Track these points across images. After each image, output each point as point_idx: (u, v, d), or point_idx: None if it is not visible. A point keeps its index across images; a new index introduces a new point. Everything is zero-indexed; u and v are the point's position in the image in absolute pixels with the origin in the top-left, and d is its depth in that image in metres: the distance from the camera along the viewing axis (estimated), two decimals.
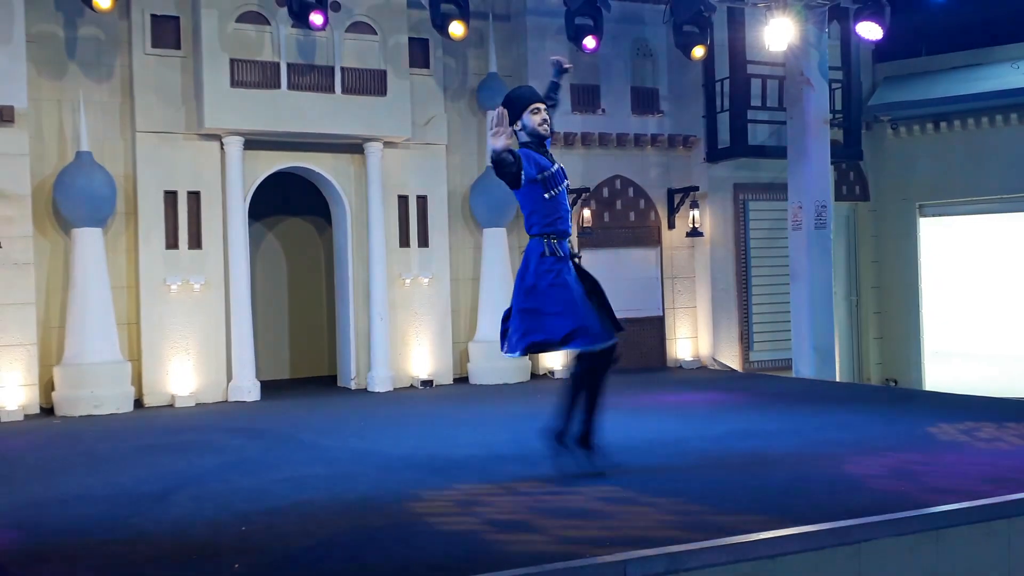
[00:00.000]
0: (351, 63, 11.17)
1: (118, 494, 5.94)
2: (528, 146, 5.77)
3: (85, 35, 10.51)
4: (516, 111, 5.74)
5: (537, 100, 5.82)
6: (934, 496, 5.07)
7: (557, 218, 5.75)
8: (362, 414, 9.46)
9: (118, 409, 9.93)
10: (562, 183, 5.79)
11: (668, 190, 13.22)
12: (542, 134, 5.80)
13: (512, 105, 5.74)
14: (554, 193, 5.72)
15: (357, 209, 11.51)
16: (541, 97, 5.89)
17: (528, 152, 5.69)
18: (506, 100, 5.83)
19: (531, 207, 5.75)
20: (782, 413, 8.63)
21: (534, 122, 5.77)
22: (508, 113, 5.56)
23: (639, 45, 13.11)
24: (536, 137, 5.80)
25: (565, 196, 5.83)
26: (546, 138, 5.85)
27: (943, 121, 14.72)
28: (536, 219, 5.74)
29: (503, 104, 5.72)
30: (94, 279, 10.13)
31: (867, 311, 15.13)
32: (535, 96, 5.87)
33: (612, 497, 5.38)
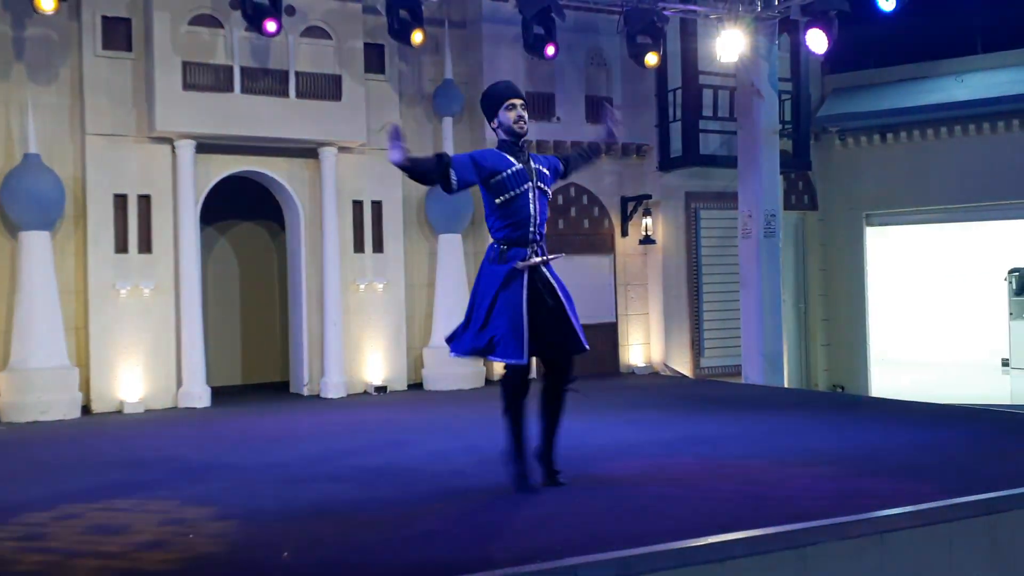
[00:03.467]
0: (305, 67, 11.13)
1: (63, 502, 5.84)
2: (503, 145, 5.54)
3: (34, 36, 10.35)
4: (492, 107, 5.56)
5: (513, 95, 5.56)
6: (879, 500, 5.17)
7: (510, 224, 5.45)
8: (314, 421, 9.40)
9: (65, 415, 9.78)
10: (521, 185, 5.43)
11: (621, 198, 13.34)
12: (517, 132, 5.51)
13: (488, 101, 5.58)
14: (507, 198, 5.41)
15: (311, 214, 11.46)
16: (518, 92, 5.61)
17: (482, 154, 5.51)
18: (483, 96, 5.66)
19: (487, 211, 5.55)
20: (731, 419, 8.75)
21: (509, 119, 5.50)
22: (484, 108, 5.55)
23: (593, 54, 13.22)
24: (512, 135, 5.52)
25: (527, 200, 5.44)
26: (521, 136, 5.55)
27: (889, 132, 15.04)
28: (491, 223, 5.53)
29: (481, 100, 5.63)
30: (41, 283, 9.97)
31: (815, 318, 15.37)
32: (510, 91, 5.59)
33: (563, 504, 5.41)
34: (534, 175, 5.52)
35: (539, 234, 5.51)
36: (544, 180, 5.59)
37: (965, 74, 14.71)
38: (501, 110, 5.54)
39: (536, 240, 5.49)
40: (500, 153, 5.52)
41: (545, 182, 5.59)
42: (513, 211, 5.44)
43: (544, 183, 5.58)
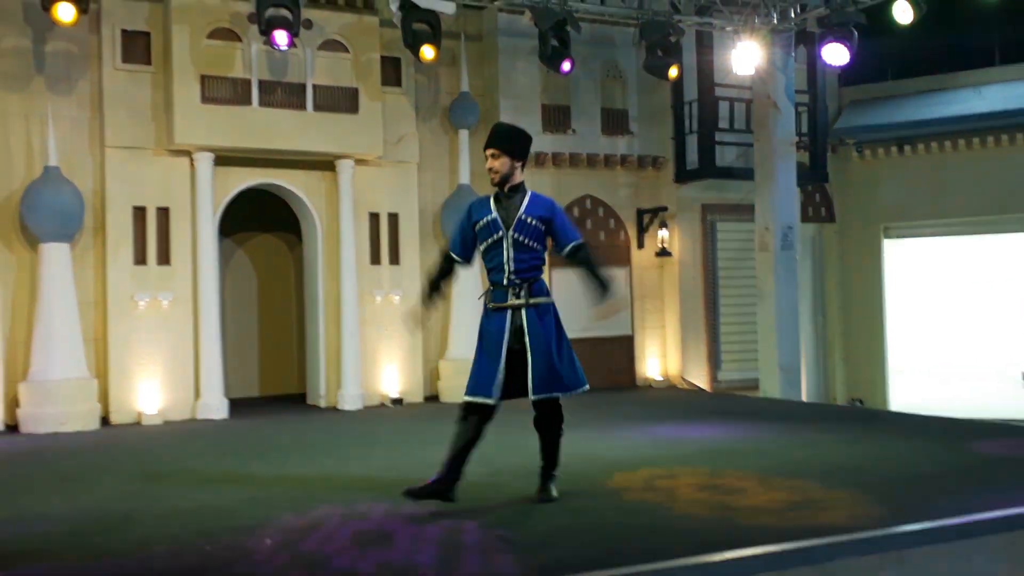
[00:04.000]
0: (323, 80, 11.19)
1: (81, 513, 5.87)
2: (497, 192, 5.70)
3: (54, 49, 10.46)
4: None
5: (488, 145, 5.68)
6: (898, 516, 5.13)
7: (489, 269, 5.64)
8: (331, 433, 9.41)
9: (84, 427, 9.83)
10: (495, 233, 5.56)
11: (637, 210, 13.33)
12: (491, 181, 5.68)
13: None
14: (484, 246, 5.62)
15: (328, 226, 11.50)
16: (489, 141, 5.69)
17: (467, 211, 5.75)
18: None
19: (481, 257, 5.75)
20: (749, 432, 8.70)
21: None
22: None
23: (609, 67, 13.24)
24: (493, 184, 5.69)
25: (501, 246, 5.56)
26: (496, 184, 5.65)
27: (907, 145, 14.98)
28: (485, 266, 5.71)
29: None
30: (61, 295, 10.04)
31: (833, 331, 15.30)
32: (488, 140, 5.71)
33: (579, 518, 5.40)
34: (512, 224, 5.57)
35: (518, 279, 5.55)
36: (523, 230, 5.57)
37: (983, 86, 14.64)
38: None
39: (514, 284, 5.55)
40: (484, 202, 5.73)
41: (525, 232, 5.57)
42: (489, 257, 5.63)
43: (522, 233, 5.56)
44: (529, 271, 5.59)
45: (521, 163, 5.69)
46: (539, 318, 5.57)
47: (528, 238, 5.56)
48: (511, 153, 5.63)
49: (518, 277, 5.56)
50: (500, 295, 5.57)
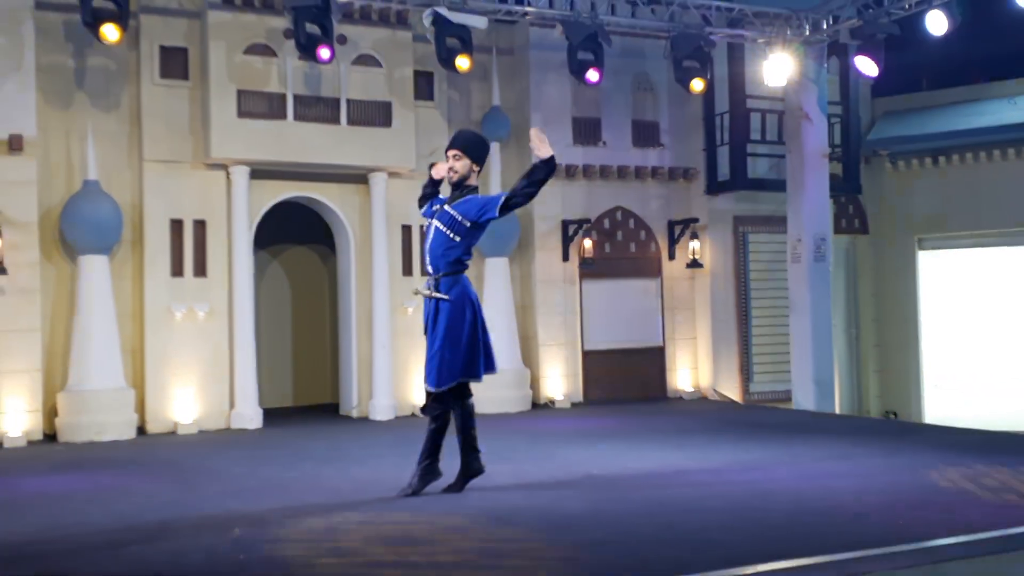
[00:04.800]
0: (357, 95, 11.31)
1: (118, 522, 5.96)
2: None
3: (94, 65, 10.66)
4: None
5: (452, 146, 6.25)
6: (931, 529, 5.10)
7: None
8: (363, 443, 9.48)
9: (120, 436, 9.97)
10: (426, 221, 6.29)
11: (668, 222, 13.32)
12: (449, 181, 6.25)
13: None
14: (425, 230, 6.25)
15: (361, 238, 11.61)
16: (456, 144, 6.25)
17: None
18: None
19: None
20: (782, 445, 8.66)
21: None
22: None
23: (640, 79, 13.26)
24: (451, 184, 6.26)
25: (427, 236, 6.24)
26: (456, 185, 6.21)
27: (941, 155, 14.85)
28: None
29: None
30: (99, 306, 10.21)
31: (867, 343, 15.16)
32: (452, 142, 6.32)
33: (611, 530, 5.41)
34: (438, 214, 6.17)
35: (433, 268, 6.14)
36: (444, 219, 6.12)
37: (1018, 96, 14.48)
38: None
39: (430, 273, 6.15)
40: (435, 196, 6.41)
41: (446, 222, 6.11)
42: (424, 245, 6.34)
43: (443, 222, 6.12)
44: (439, 259, 6.09)
45: (478, 169, 6.24)
46: (447, 310, 6.08)
47: (446, 227, 6.08)
48: (472, 157, 6.19)
49: (431, 265, 6.15)
50: (426, 284, 6.18)
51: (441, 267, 6.05)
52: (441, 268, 6.06)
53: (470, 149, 6.17)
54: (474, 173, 6.15)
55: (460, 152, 6.13)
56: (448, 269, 6.08)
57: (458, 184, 6.13)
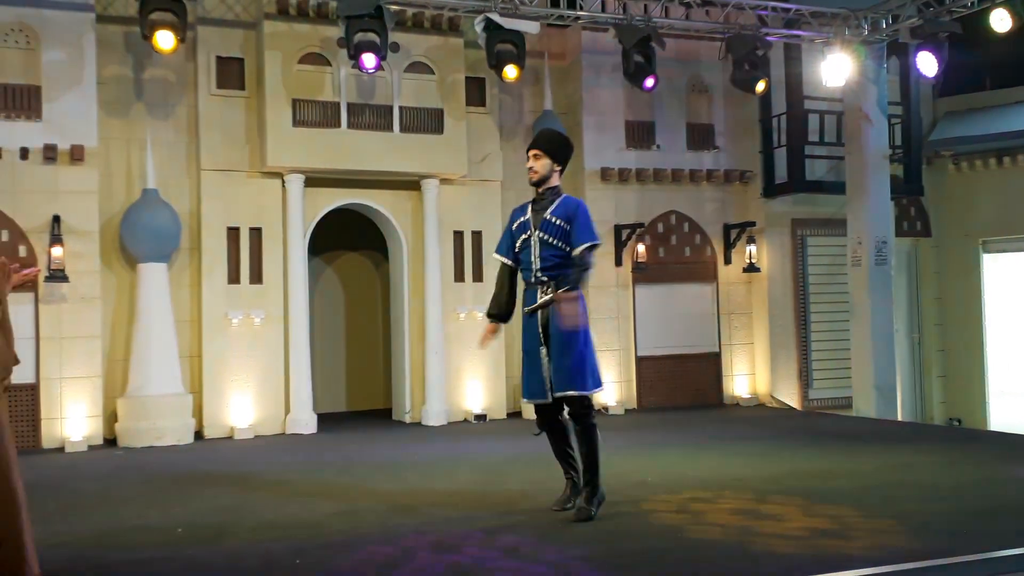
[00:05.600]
0: (409, 102, 11.36)
1: (176, 525, 6.03)
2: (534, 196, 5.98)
3: (153, 76, 10.86)
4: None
5: (532, 146, 5.97)
6: (997, 541, 4.94)
7: (522, 270, 5.95)
8: (416, 448, 9.50)
9: (179, 441, 10.12)
10: (524, 232, 5.87)
11: (724, 225, 13.15)
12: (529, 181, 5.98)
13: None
14: (518, 245, 5.91)
15: (413, 244, 11.65)
16: (536, 143, 5.98)
17: (512, 213, 6.08)
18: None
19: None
20: (841, 453, 8.48)
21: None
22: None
23: (694, 82, 13.12)
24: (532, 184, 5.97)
25: (529, 246, 5.83)
26: (533, 185, 5.93)
27: (1006, 156, 14.46)
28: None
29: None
30: (158, 313, 10.37)
31: (930, 349, 14.81)
32: (532, 141, 6.03)
33: (667, 539, 5.32)
34: (538, 225, 5.81)
35: (544, 276, 5.77)
36: (548, 229, 5.79)
37: None
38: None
39: (541, 282, 5.79)
40: (523, 206, 6.02)
41: (549, 231, 5.78)
42: (522, 257, 5.92)
43: (547, 232, 5.78)
44: (554, 269, 5.76)
45: (560, 168, 5.93)
46: (555, 316, 5.71)
47: (553, 237, 5.76)
48: (552, 155, 5.89)
49: (544, 274, 5.77)
50: (531, 295, 5.84)
51: (554, 273, 5.75)
52: (554, 273, 5.75)
53: (551, 148, 5.91)
54: (556, 173, 5.88)
55: (540, 152, 5.88)
56: (565, 272, 5.75)
57: (539, 184, 5.89)
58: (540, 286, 5.78)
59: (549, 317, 5.74)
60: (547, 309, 5.74)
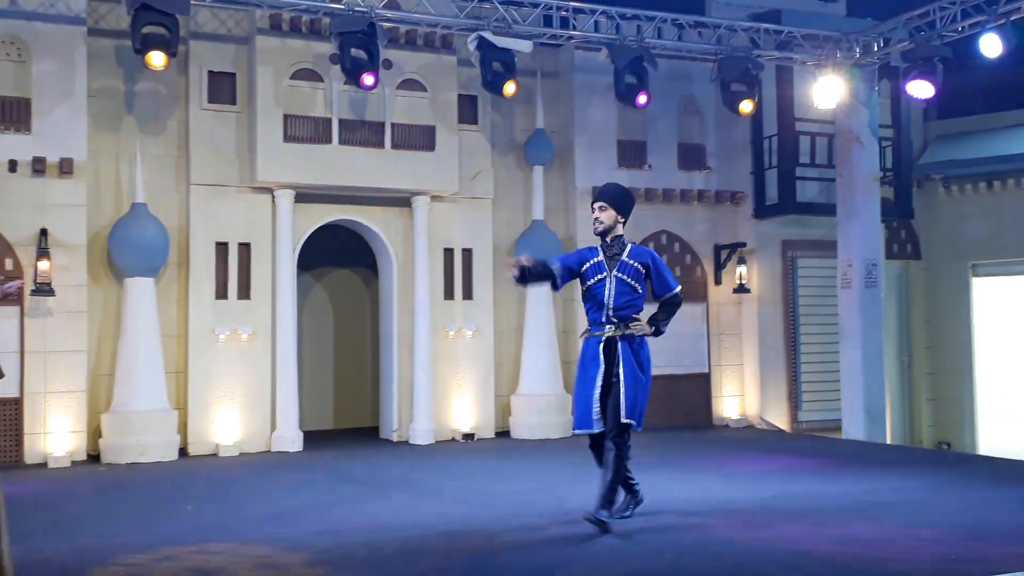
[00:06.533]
0: (401, 119, 11.35)
1: (158, 543, 5.96)
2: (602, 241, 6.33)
3: (144, 90, 10.82)
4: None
5: (597, 199, 6.33)
6: (986, 567, 4.90)
7: (589, 307, 6.26)
8: (402, 467, 9.42)
9: (163, 457, 10.02)
10: (599, 273, 6.19)
11: (715, 246, 13.15)
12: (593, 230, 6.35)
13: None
14: (590, 284, 6.24)
15: (403, 261, 11.61)
16: (601, 196, 6.33)
17: (581, 250, 6.44)
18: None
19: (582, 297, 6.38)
20: (830, 476, 8.44)
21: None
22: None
23: (686, 102, 13.15)
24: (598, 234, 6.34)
25: (604, 284, 6.17)
26: (598, 234, 6.29)
27: (996, 180, 14.51)
28: (584, 304, 6.35)
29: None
30: (145, 328, 10.30)
31: (919, 372, 14.81)
32: (597, 195, 6.38)
33: (651, 561, 5.27)
34: (616, 267, 6.19)
35: (616, 317, 6.14)
36: (626, 271, 6.18)
37: None
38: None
39: (613, 322, 6.14)
40: (593, 248, 6.35)
41: (627, 272, 6.18)
42: (592, 296, 6.24)
43: (625, 273, 6.18)
44: (626, 308, 6.16)
45: (624, 220, 6.31)
46: (632, 352, 6.13)
47: (630, 277, 6.17)
48: (617, 208, 6.28)
49: (616, 315, 6.14)
50: (597, 328, 6.17)
51: (627, 312, 6.16)
52: (627, 313, 6.16)
53: (616, 201, 6.30)
54: (620, 224, 6.27)
55: (607, 204, 6.27)
56: (636, 311, 6.21)
57: (604, 233, 6.27)
58: (610, 325, 6.13)
59: (620, 352, 6.08)
60: (615, 344, 6.09)
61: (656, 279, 6.27)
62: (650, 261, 6.26)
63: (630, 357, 6.10)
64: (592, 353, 6.14)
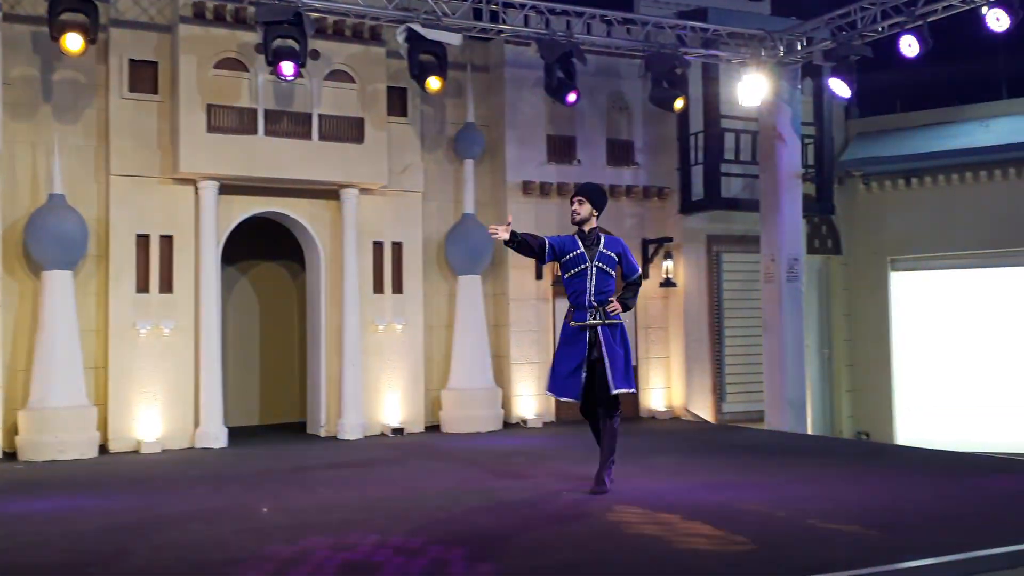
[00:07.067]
0: (329, 110, 11.22)
1: (77, 542, 5.82)
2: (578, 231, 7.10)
3: (62, 79, 10.51)
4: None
5: (577, 193, 7.18)
6: (901, 553, 5.04)
7: (572, 292, 7.06)
8: (329, 463, 9.34)
9: (82, 455, 9.77)
10: (581, 264, 6.98)
11: (642, 240, 13.29)
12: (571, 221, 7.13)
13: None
14: (572, 273, 7.03)
15: (332, 255, 11.49)
16: (580, 192, 7.18)
17: (564, 238, 7.13)
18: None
19: (563, 281, 7.15)
20: (753, 467, 8.60)
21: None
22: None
23: (615, 98, 13.26)
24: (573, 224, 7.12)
25: (586, 276, 6.98)
26: (576, 224, 7.07)
27: (914, 177, 14.94)
28: (566, 291, 7.13)
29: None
30: (63, 322, 10.03)
31: (839, 364, 15.19)
32: (577, 190, 7.26)
33: (578, 554, 5.31)
34: (595, 257, 7.00)
35: (596, 302, 6.98)
36: (604, 260, 7.03)
37: (990, 119, 14.63)
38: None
39: (593, 307, 6.97)
40: (574, 238, 7.11)
41: (605, 262, 7.03)
42: (574, 283, 7.04)
43: (604, 262, 7.03)
44: (604, 293, 7.02)
45: (598, 214, 7.14)
46: (612, 334, 7.00)
47: (607, 267, 7.04)
48: (592, 202, 7.12)
49: (596, 300, 6.98)
50: (581, 315, 7.00)
51: (605, 299, 7.00)
52: (604, 298, 7.00)
53: (592, 197, 7.14)
54: (594, 217, 7.09)
55: (584, 199, 7.10)
56: (611, 295, 7.06)
57: (580, 223, 7.07)
58: (591, 309, 6.96)
59: (601, 336, 6.93)
60: (597, 329, 6.93)
61: (625, 264, 7.18)
62: (621, 249, 7.17)
63: (610, 339, 6.95)
64: (577, 338, 6.98)
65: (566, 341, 7.08)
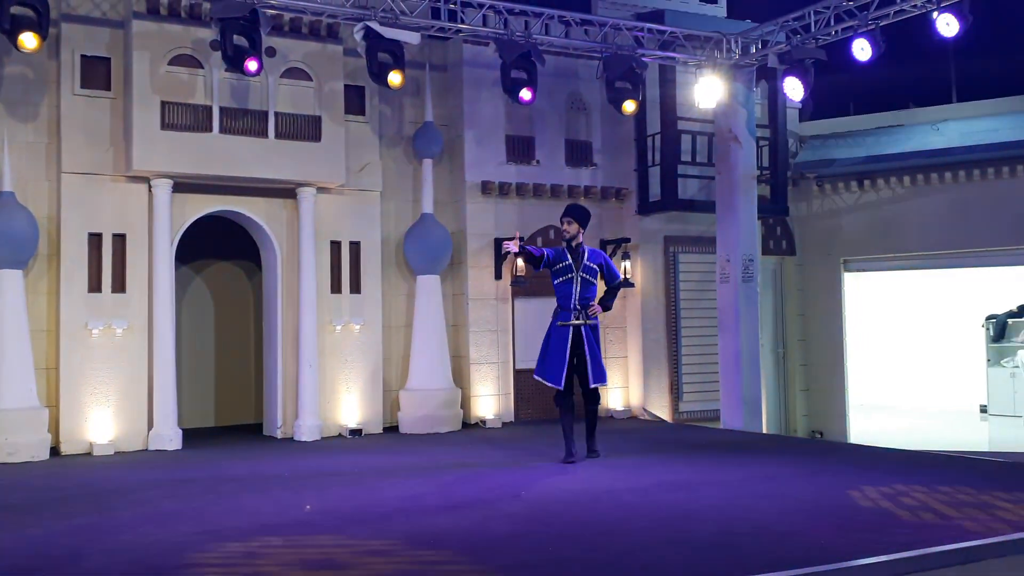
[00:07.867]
0: (285, 108, 11.13)
1: (28, 547, 5.71)
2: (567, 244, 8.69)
3: (11, 74, 10.32)
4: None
5: (566, 215, 8.72)
6: (853, 551, 5.12)
7: (560, 296, 8.64)
8: (286, 464, 9.26)
9: (33, 457, 9.60)
10: (567, 274, 8.56)
11: (600, 241, 13.35)
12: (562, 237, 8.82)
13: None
14: (561, 280, 8.62)
15: (288, 254, 11.40)
16: (569, 213, 8.72)
17: (557, 250, 8.70)
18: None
19: (553, 285, 8.70)
20: (709, 465, 8.69)
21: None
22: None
23: (574, 99, 13.30)
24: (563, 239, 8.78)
25: (572, 283, 8.55)
26: (567, 240, 8.67)
27: (867, 179, 15.18)
28: (555, 293, 8.68)
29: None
30: (13, 322, 9.83)
31: (793, 363, 15.38)
32: (566, 212, 8.77)
33: (535, 551, 5.33)
34: (580, 268, 8.57)
35: (580, 306, 8.55)
36: (588, 272, 8.60)
37: (941, 123, 14.92)
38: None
39: (577, 309, 8.55)
40: (563, 250, 8.68)
41: (590, 274, 8.61)
42: (563, 289, 8.62)
43: (588, 273, 8.60)
44: (587, 298, 8.60)
45: (583, 230, 8.71)
46: (592, 333, 8.61)
47: (590, 276, 8.60)
48: (579, 222, 8.69)
49: (580, 303, 8.55)
50: (566, 316, 8.55)
51: (587, 303, 8.58)
52: (587, 302, 8.58)
53: (579, 217, 8.70)
54: (580, 233, 8.66)
55: (573, 219, 8.66)
56: (593, 300, 8.65)
57: (569, 240, 8.64)
58: (575, 311, 8.51)
59: (584, 335, 8.52)
60: (580, 328, 8.50)
61: (607, 272, 8.78)
62: (603, 261, 8.80)
63: (591, 338, 8.55)
64: (563, 334, 8.52)
65: (554, 337, 8.57)
